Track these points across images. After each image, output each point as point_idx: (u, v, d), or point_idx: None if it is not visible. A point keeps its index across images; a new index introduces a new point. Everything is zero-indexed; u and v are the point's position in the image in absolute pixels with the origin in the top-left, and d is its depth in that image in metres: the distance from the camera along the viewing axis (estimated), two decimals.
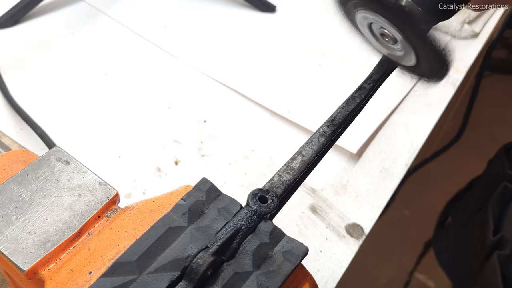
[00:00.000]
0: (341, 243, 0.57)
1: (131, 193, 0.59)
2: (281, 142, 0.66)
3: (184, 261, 0.29)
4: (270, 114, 0.69)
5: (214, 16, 0.82)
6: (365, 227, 0.59)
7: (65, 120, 0.65)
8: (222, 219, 0.31)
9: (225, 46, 0.78)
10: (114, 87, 0.69)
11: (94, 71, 0.71)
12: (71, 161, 0.36)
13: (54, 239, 0.32)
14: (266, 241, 0.31)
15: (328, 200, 0.61)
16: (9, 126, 0.63)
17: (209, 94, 0.71)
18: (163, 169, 0.61)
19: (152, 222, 0.31)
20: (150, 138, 0.64)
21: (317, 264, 0.55)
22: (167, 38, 0.77)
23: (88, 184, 0.35)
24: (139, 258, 0.29)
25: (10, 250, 0.31)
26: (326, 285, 0.53)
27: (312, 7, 0.85)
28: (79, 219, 0.33)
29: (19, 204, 0.33)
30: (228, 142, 0.65)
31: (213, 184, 0.33)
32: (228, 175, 0.62)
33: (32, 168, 0.35)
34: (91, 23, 0.78)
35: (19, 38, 0.74)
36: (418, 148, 0.68)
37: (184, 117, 0.67)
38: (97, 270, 0.29)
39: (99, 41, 0.76)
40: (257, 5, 0.83)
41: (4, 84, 0.66)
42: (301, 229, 0.58)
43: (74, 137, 0.63)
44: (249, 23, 0.81)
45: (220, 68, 0.74)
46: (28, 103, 0.64)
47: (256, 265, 0.30)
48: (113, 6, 0.81)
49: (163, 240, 0.30)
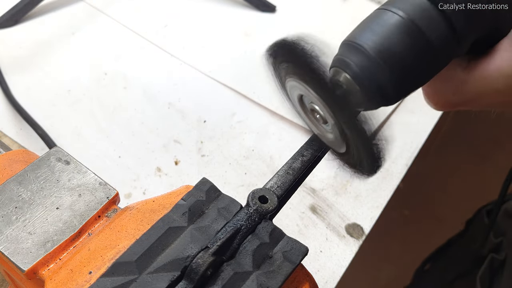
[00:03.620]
0: (341, 243, 0.57)
1: (131, 193, 0.59)
2: (281, 142, 0.66)
3: (184, 261, 0.29)
4: (270, 114, 0.69)
5: (214, 16, 0.82)
6: (365, 227, 0.59)
7: (65, 120, 0.64)
8: (222, 219, 0.31)
9: (225, 46, 0.78)
10: (114, 87, 0.69)
11: (94, 71, 0.71)
12: (71, 161, 0.36)
13: (54, 239, 0.32)
14: (266, 241, 0.31)
15: (328, 200, 0.61)
16: (9, 126, 0.63)
17: (209, 94, 0.71)
18: (163, 169, 0.61)
19: (152, 222, 0.31)
20: (150, 138, 0.64)
21: (317, 264, 0.55)
22: (167, 38, 0.77)
23: (88, 184, 0.35)
24: (139, 258, 0.29)
25: (10, 250, 0.31)
26: (326, 285, 0.53)
27: (312, 7, 0.85)
28: (79, 219, 0.33)
29: (19, 204, 0.33)
30: (228, 142, 0.65)
31: (213, 184, 0.33)
32: (228, 175, 0.62)
33: (32, 168, 0.35)
34: (91, 23, 0.78)
35: (19, 38, 0.74)
36: (418, 148, 0.68)
37: (184, 117, 0.67)
38: (97, 270, 0.29)
39: (99, 41, 0.76)
40: (257, 5, 0.83)
41: (6, 84, 0.66)
42: (301, 229, 0.58)
43: (74, 137, 0.63)
44: (249, 23, 0.81)
45: (220, 68, 0.74)
46: (28, 103, 0.64)
47: (256, 265, 0.30)
48: (113, 6, 0.81)
49: (163, 240, 0.30)
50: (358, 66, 0.27)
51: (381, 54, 0.26)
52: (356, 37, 0.27)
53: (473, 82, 0.29)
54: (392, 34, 0.27)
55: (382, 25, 0.27)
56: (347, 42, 0.28)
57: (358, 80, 0.27)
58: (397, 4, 0.27)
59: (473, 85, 0.30)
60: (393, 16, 0.27)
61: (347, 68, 0.27)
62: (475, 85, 0.29)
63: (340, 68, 0.28)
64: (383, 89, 0.27)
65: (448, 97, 0.31)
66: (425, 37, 0.27)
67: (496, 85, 0.29)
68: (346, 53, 0.28)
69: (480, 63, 0.29)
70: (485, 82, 0.29)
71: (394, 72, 0.27)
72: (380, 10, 0.28)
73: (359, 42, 0.27)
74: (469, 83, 0.30)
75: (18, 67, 0.70)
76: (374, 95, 0.27)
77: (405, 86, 0.28)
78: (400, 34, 0.27)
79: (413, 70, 0.27)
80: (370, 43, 0.27)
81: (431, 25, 0.27)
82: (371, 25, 0.28)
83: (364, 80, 0.27)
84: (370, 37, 0.27)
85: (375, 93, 0.27)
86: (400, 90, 0.28)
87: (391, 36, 0.27)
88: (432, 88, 0.32)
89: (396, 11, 0.27)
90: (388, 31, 0.27)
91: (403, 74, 0.27)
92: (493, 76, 0.28)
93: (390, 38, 0.27)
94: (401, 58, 0.27)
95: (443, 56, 0.28)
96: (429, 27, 0.27)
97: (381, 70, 0.27)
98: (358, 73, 0.27)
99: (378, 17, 0.28)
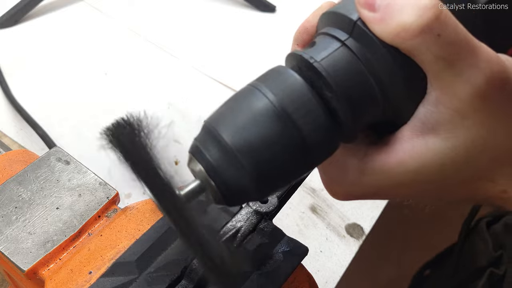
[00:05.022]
0: (341, 243, 0.57)
1: (131, 193, 0.59)
2: None
3: (184, 261, 0.29)
4: None
5: (214, 16, 0.82)
6: (365, 227, 0.59)
7: (65, 120, 0.64)
8: (222, 219, 0.31)
9: (225, 46, 0.78)
10: (114, 87, 0.69)
11: (94, 71, 0.71)
12: (71, 161, 0.36)
13: (54, 239, 0.31)
14: (266, 241, 0.31)
15: (328, 200, 0.61)
16: (9, 126, 0.63)
17: (209, 94, 0.70)
18: None
19: (152, 222, 0.31)
20: None
21: (317, 264, 0.55)
22: (167, 38, 0.77)
23: (88, 184, 0.35)
24: (139, 258, 0.29)
25: (10, 250, 0.31)
26: (326, 285, 0.53)
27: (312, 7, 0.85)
28: (79, 219, 0.33)
29: (19, 204, 0.33)
30: None
31: None
32: None
33: (32, 168, 0.35)
34: (91, 23, 0.78)
35: (19, 38, 0.74)
36: None
37: (184, 117, 0.67)
38: (97, 270, 0.29)
39: (99, 41, 0.76)
40: (257, 5, 0.83)
41: (6, 84, 0.66)
42: (301, 229, 0.58)
43: (74, 137, 0.63)
44: (249, 23, 0.81)
45: (220, 68, 0.74)
46: (28, 102, 0.64)
47: (256, 265, 0.30)
48: (113, 6, 0.81)
49: (163, 240, 0.30)
50: (215, 160, 0.23)
51: (243, 148, 0.23)
52: (218, 123, 0.24)
53: (373, 175, 0.26)
54: (258, 123, 0.23)
55: (248, 110, 0.23)
56: (208, 126, 0.25)
57: (214, 176, 0.23)
58: (268, 82, 0.24)
59: (372, 178, 0.26)
60: (262, 99, 0.23)
61: (203, 161, 0.24)
62: (375, 178, 0.26)
63: (197, 159, 0.24)
64: (243, 188, 0.23)
65: (346, 188, 0.27)
66: (297, 128, 0.23)
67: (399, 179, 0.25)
68: (205, 141, 0.24)
69: (379, 154, 0.25)
70: (386, 176, 0.25)
71: (257, 169, 0.23)
72: (250, 87, 0.24)
73: (219, 131, 0.23)
74: (368, 175, 0.26)
75: (18, 67, 0.70)
76: (232, 193, 0.24)
77: (269, 184, 0.24)
78: (267, 123, 0.23)
79: (280, 166, 0.23)
80: (231, 133, 0.23)
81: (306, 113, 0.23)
82: (236, 108, 0.24)
83: (221, 177, 0.23)
84: (232, 125, 0.23)
85: (233, 192, 0.24)
86: (263, 189, 0.24)
87: (256, 125, 0.23)
88: (328, 176, 0.28)
89: (266, 92, 0.23)
90: (253, 119, 0.23)
91: (268, 171, 0.23)
92: (394, 171, 0.25)
93: (255, 128, 0.23)
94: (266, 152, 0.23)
95: (321, 150, 0.24)
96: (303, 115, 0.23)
97: (241, 167, 0.23)
98: (215, 168, 0.23)
99: (246, 98, 0.24)
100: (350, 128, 0.25)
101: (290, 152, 0.23)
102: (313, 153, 0.24)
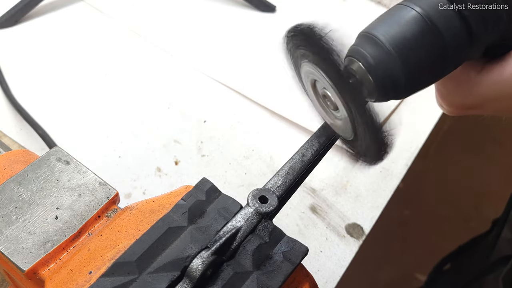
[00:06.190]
0: (341, 243, 0.57)
1: (131, 193, 0.59)
2: (281, 142, 0.66)
3: (184, 261, 0.29)
4: (270, 114, 0.69)
5: (214, 16, 0.82)
6: (365, 227, 0.59)
7: (65, 120, 0.64)
8: (222, 219, 0.31)
9: (225, 46, 0.78)
10: (114, 87, 0.69)
11: (94, 71, 0.71)
12: (71, 161, 0.36)
13: (54, 239, 0.32)
14: (266, 241, 0.31)
15: (328, 200, 0.61)
16: (9, 126, 0.63)
17: (209, 94, 0.71)
18: (163, 169, 0.61)
19: (152, 222, 0.31)
20: (150, 138, 0.64)
21: (317, 264, 0.55)
22: (167, 38, 0.77)
23: (88, 184, 0.35)
24: (139, 258, 0.29)
25: (10, 250, 0.31)
26: (326, 285, 0.53)
27: (312, 7, 0.85)
28: (79, 219, 0.33)
29: (19, 204, 0.33)
30: (228, 142, 0.65)
31: (213, 184, 0.33)
32: (228, 175, 0.62)
33: (32, 168, 0.35)
34: (91, 23, 0.78)
35: (19, 38, 0.74)
36: (418, 148, 0.68)
37: (184, 117, 0.67)
38: (97, 270, 0.29)
39: (99, 41, 0.76)
40: (257, 5, 0.83)
41: (6, 84, 0.66)
42: (301, 229, 0.58)
43: (74, 137, 0.63)
44: (249, 23, 0.81)
45: (220, 68, 0.74)
46: (28, 102, 0.64)
47: (256, 265, 0.30)
48: (113, 6, 0.81)
49: (163, 240, 0.30)
50: (372, 57, 0.27)
51: (396, 47, 0.27)
52: (373, 29, 0.28)
53: (487, 86, 0.30)
54: (408, 28, 0.27)
55: (399, 19, 0.28)
56: (364, 33, 0.28)
57: (371, 71, 0.28)
58: (415, 0, 0.28)
59: (486, 89, 0.30)
60: (411, 11, 0.28)
61: (361, 59, 0.28)
62: (489, 89, 0.30)
63: (355, 58, 0.28)
64: (395, 81, 0.28)
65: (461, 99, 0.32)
66: (440, 35, 0.27)
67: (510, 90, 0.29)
68: (362, 43, 0.28)
69: (495, 67, 0.29)
70: (499, 86, 0.29)
71: (407, 66, 0.27)
72: (399, 5, 0.29)
73: (375, 33, 0.28)
74: (482, 86, 0.30)
75: (18, 67, 0.70)
76: (386, 87, 0.28)
77: (416, 81, 0.28)
78: (416, 29, 0.27)
79: (425, 65, 0.28)
80: (386, 36, 0.27)
81: (447, 24, 0.28)
82: (389, 19, 0.28)
83: (377, 71, 0.28)
84: (386, 29, 0.28)
85: (387, 85, 0.28)
86: (411, 85, 0.28)
87: (407, 30, 0.27)
88: (446, 88, 0.32)
89: (414, 7, 0.28)
90: (405, 25, 0.27)
91: (416, 69, 0.28)
92: (507, 81, 0.29)
93: (405, 33, 0.27)
94: (415, 52, 0.27)
95: (456, 56, 0.28)
96: (445, 26, 0.27)
97: (394, 62, 0.27)
98: (372, 64, 0.28)
99: (396, 11, 0.28)
100: (480, 44, 0.28)
101: (433, 54, 0.28)
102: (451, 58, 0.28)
